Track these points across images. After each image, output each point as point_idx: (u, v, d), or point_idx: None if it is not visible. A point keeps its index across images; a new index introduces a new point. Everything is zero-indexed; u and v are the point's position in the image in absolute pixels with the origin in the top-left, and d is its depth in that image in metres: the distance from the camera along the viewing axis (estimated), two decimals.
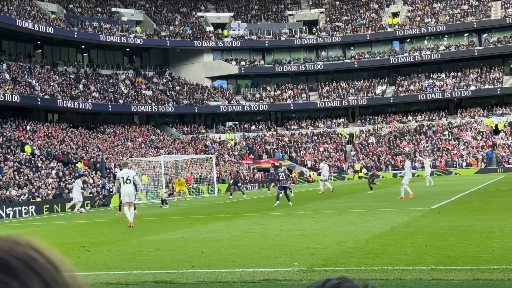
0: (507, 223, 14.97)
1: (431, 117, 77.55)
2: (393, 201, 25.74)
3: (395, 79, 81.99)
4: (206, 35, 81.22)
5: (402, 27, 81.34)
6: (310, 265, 10.40)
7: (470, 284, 8.31)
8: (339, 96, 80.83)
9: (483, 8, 79.99)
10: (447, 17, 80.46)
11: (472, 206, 21.23)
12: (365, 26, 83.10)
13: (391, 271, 9.46)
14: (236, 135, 77.51)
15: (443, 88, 77.56)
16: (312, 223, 18.12)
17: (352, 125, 79.95)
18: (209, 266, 10.92)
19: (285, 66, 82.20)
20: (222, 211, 26.39)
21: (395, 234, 14.20)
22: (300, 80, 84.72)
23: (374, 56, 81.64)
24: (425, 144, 72.18)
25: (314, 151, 74.36)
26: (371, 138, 75.73)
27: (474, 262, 9.76)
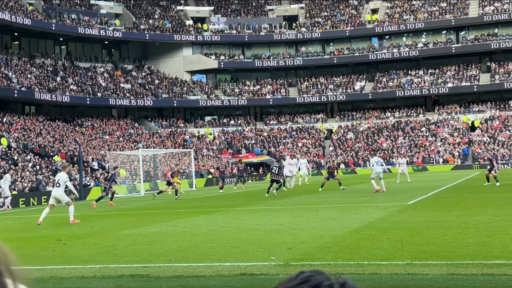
0: (481, 219, 15.15)
1: (408, 114, 78.09)
2: (370, 196, 25.90)
3: (374, 75, 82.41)
4: (186, 29, 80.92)
5: (381, 23, 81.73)
6: (287, 259, 10.44)
7: (445, 279, 8.40)
8: (318, 92, 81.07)
9: (461, 6, 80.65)
10: (425, 14, 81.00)
11: (448, 202, 21.44)
12: (345, 22, 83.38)
13: (367, 266, 9.54)
14: (215, 129, 77.41)
15: (421, 85, 78.12)
16: (289, 218, 18.17)
17: (330, 121, 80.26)
18: (186, 260, 10.92)
19: (264, 61, 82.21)
20: (200, 205, 26.36)
21: (371, 229, 14.30)
22: (279, 75, 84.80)
23: (353, 52, 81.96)
24: (403, 141, 72.69)
25: (293, 146, 74.52)
26: (350, 134, 76.08)
27: (449, 257, 9.86)
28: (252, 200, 28.60)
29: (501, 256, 9.72)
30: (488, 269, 8.81)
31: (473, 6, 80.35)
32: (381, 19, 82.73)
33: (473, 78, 77.14)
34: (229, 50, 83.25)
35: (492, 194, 24.41)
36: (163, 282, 9.16)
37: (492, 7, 78.55)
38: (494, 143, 68.74)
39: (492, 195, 23.85)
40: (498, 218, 15.20)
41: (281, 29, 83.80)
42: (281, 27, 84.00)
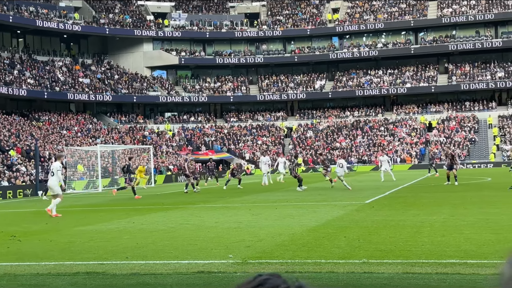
0: (437, 218, 15.39)
1: (367, 113, 78.91)
2: (329, 195, 26.09)
3: (334, 75, 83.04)
4: (146, 24, 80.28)
5: (342, 23, 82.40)
6: (245, 257, 10.44)
7: (400, 277, 8.51)
8: (278, 90, 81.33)
9: (420, 7, 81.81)
10: (385, 15, 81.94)
11: (405, 201, 21.71)
12: (306, 21, 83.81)
13: (324, 264, 9.59)
14: (174, 126, 77.02)
15: (380, 85, 79.03)
16: (248, 215, 18.18)
17: (290, 119, 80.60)
18: (144, 258, 10.83)
19: (225, 58, 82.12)
20: (158, 202, 26.20)
21: (329, 227, 14.40)
22: (240, 72, 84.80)
23: (313, 51, 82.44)
24: (361, 140, 73.41)
25: (253, 144, 74.62)
26: (309, 132, 76.53)
27: (405, 256, 9.99)
28: (211, 197, 28.55)
29: (455, 256, 9.89)
30: (442, 268, 8.95)
31: (432, 8, 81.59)
32: (342, 18, 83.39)
33: (431, 79, 78.35)
34: (190, 47, 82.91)
35: (447, 193, 24.82)
36: (119, 280, 9.07)
37: (450, 9, 79.89)
38: (450, 143, 69.95)
39: (447, 194, 24.25)
40: (452, 218, 15.46)
41: (242, 26, 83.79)
42: (242, 25, 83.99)
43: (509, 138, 69.11)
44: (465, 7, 79.42)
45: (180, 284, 8.68)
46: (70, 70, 73.27)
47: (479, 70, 77.44)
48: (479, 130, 72.42)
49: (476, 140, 70.34)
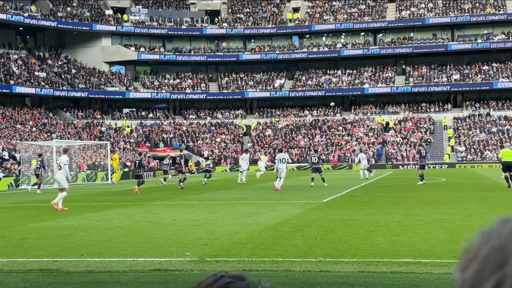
0: (392, 218, 15.59)
1: (326, 113, 79.49)
2: (287, 194, 26.20)
3: (294, 74, 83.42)
4: (105, 18, 79.36)
5: (302, 22, 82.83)
6: (202, 255, 10.42)
7: (356, 276, 8.59)
8: (238, 88, 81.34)
9: (379, 9, 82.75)
10: (345, 16, 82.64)
11: (361, 200, 21.94)
12: (266, 20, 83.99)
13: (281, 263, 9.63)
14: (132, 122, 76.35)
15: (339, 85, 79.69)
16: (206, 213, 18.14)
17: (249, 117, 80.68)
18: (99, 255, 10.71)
19: (185, 55, 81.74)
20: (115, 199, 25.93)
21: (286, 226, 14.46)
22: (200, 69, 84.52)
23: (274, 50, 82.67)
24: (320, 139, 73.92)
25: (211, 142, 74.47)
26: (268, 131, 76.72)
27: (360, 255, 10.09)
28: (168, 194, 28.38)
29: (409, 255, 10.03)
30: (397, 267, 9.07)
31: (391, 9, 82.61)
32: (302, 18, 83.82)
33: (388, 80, 79.34)
34: (150, 42, 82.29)
35: (403, 193, 25.17)
36: (74, 277, 8.94)
37: (408, 11, 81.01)
38: (406, 144, 70.95)
39: (403, 194, 24.59)
40: (408, 218, 15.68)
41: (203, 23, 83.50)
42: (203, 22, 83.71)
43: (464, 139, 70.44)
44: (423, 10, 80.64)
45: (136, 281, 8.61)
46: (25, 64, 71.95)
47: (436, 72, 78.73)
48: (434, 131, 73.65)
49: (431, 141, 71.50)
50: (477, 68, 78.03)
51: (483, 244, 0.60)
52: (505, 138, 68.92)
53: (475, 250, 0.60)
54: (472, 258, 0.59)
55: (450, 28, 79.87)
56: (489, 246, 0.58)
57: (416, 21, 79.56)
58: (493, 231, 0.59)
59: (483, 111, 74.82)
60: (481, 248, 0.60)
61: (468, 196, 22.64)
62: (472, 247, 0.61)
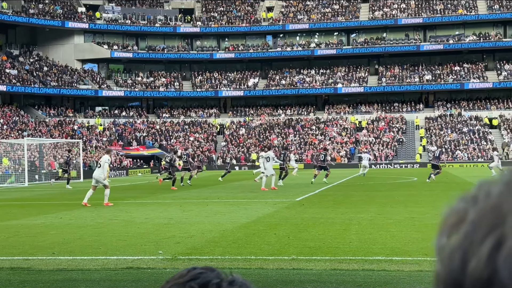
0: (364, 216, 15.72)
1: (300, 112, 79.75)
2: (260, 192, 26.24)
3: (267, 73, 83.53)
4: (78, 16, 78.65)
5: (276, 22, 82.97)
6: (174, 253, 10.41)
7: (328, 274, 8.66)
8: (211, 87, 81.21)
9: (352, 9, 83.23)
10: (319, 15, 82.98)
11: (334, 199, 22.08)
12: (240, 19, 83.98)
13: (254, 261, 9.67)
14: (105, 120, 75.79)
15: (312, 84, 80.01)
16: (179, 212, 18.12)
17: (223, 116, 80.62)
18: (71, 253, 10.65)
19: (158, 53, 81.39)
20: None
21: (260, 224, 14.50)
22: (173, 68, 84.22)
23: (247, 49, 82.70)
24: (293, 138, 74.14)
25: (185, 140, 74.26)
26: (242, 130, 76.74)
27: (333, 253, 10.17)
28: (141, 193, 28.26)
29: (381, 253, 10.13)
30: (368, 264, 9.16)
31: (364, 10, 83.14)
32: (276, 17, 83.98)
33: (361, 79, 79.85)
34: (123, 40, 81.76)
35: (375, 192, 25.38)
36: (45, 275, 8.88)
37: (381, 12, 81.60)
38: (379, 144, 71.50)
39: (375, 193, 24.79)
40: (380, 216, 15.82)
41: (176, 21, 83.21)
42: (176, 20, 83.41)
43: (435, 139, 71.17)
44: (396, 10, 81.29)
45: (108, 280, 8.57)
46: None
47: (408, 73, 79.44)
48: (406, 131, 74.31)
49: (403, 141, 72.14)
50: (449, 69, 78.91)
51: (469, 207, 0.58)
52: (476, 138, 69.83)
53: (460, 214, 0.57)
54: (458, 223, 0.56)
55: (422, 28, 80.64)
56: (478, 209, 0.56)
57: (388, 22, 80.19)
58: (478, 194, 0.57)
59: (455, 111, 75.69)
60: (468, 211, 0.57)
61: (439, 195, 22.91)
62: (455, 212, 0.58)
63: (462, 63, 79.15)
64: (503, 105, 75.47)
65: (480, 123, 73.25)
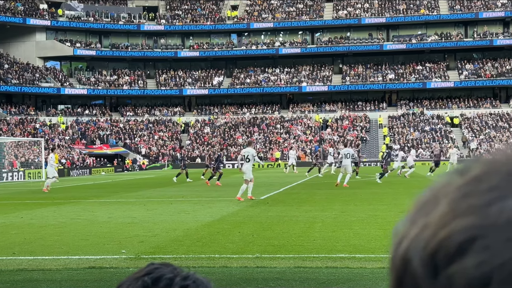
0: (328, 214, 15.82)
1: (264, 110, 79.90)
2: (224, 191, 26.22)
3: (232, 71, 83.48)
4: (40, 13, 77.52)
5: (241, 20, 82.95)
6: (138, 252, 10.34)
7: (292, 271, 8.68)
8: (176, 85, 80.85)
9: (316, 8, 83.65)
10: (283, 14, 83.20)
11: (299, 197, 22.16)
12: (205, 17, 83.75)
13: (218, 259, 9.65)
14: (68, 118, 74.87)
15: (277, 83, 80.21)
16: (142, 210, 18.00)
17: (188, 114, 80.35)
18: (32, 253, 10.49)
19: (122, 51, 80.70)
20: (49, 197, 25.39)
21: (224, 223, 14.49)
22: (137, 66, 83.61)
23: (212, 47, 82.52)
24: (258, 136, 74.24)
25: (149, 139, 73.80)
26: (207, 128, 76.57)
27: (297, 251, 10.21)
28: (104, 192, 27.99)
29: (344, 250, 10.20)
30: (332, 262, 9.22)
31: (328, 9, 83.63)
32: (241, 16, 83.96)
33: (326, 78, 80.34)
34: (86, 38, 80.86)
35: (339, 190, 25.55)
36: (5, 276, 8.73)
37: (345, 11, 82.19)
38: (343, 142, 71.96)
39: (339, 191, 24.96)
40: (343, 214, 15.93)
41: (140, 19, 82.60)
42: (140, 18, 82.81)
43: (398, 138, 71.98)
44: (359, 10, 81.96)
45: (70, 280, 8.47)
46: None
47: (371, 72, 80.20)
48: (370, 130, 75.01)
49: (367, 139, 72.81)
50: (411, 68, 79.87)
51: (422, 196, 0.56)
52: (437, 136, 70.81)
53: (414, 204, 0.56)
54: (410, 211, 0.55)
55: (386, 28, 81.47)
56: (423, 196, 0.56)
57: (352, 21, 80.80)
58: (432, 185, 0.55)
59: (417, 110, 76.67)
60: (418, 200, 0.56)
61: (401, 193, 23.18)
62: (415, 202, 0.56)
63: (424, 62, 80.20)
64: (464, 104, 76.70)
65: (442, 121, 74.33)
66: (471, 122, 73.16)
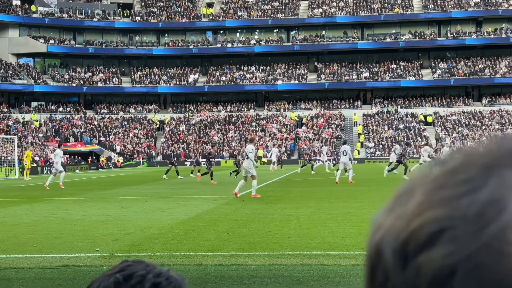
0: (303, 212, 15.88)
1: (240, 108, 79.87)
2: (200, 188, 26.18)
3: (208, 69, 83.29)
4: (13, 9, 76.57)
5: (216, 18, 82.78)
6: (112, 250, 10.28)
7: (267, 269, 8.71)
8: (151, 82, 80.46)
9: (292, 6, 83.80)
10: (259, 12, 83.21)
11: (274, 195, 22.21)
12: (180, 14, 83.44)
13: (193, 257, 9.64)
14: (41, 116, 74.12)
15: (253, 81, 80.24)
16: (117, 208, 17.91)
17: (163, 112, 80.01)
18: (4, 252, 10.38)
19: (97, 48, 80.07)
20: (22, 195, 25.13)
21: (199, 220, 14.48)
22: (112, 63, 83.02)
23: (188, 45, 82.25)
24: (233, 134, 74.23)
25: (124, 137, 73.37)
26: (182, 126, 76.34)
27: (272, 248, 10.24)
28: (78, 190, 27.78)
29: (319, 247, 10.25)
30: (307, 259, 9.26)
31: (303, 7, 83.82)
32: (216, 13, 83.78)
33: (301, 76, 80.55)
34: (59, 35, 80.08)
35: (314, 188, 25.67)
36: None
37: (320, 9, 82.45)
38: (318, 140, 72.28)
39: (314, 189, 25.07)
40: (318, 211, 16.00)
41: (115, 16, 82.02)
42: (115, 15, 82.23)
43: (372, 136, 72.45)
44: (334, 8, 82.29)
45: (43, 278, 8.40)
46: None
47: (346, 70, 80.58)
48: (345, 128, 75.38)
49: (342, 137, 73.12)
50: (386, 67, 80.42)
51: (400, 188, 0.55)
52: (411, 134, 71.39)
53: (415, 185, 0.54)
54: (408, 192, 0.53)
55: (360, 27, 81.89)
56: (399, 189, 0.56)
57: (327, 20, 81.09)
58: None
59: (391, 108, 77.23)
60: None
61: (375, 190, 23.33)
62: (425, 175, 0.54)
63: (399, 61, 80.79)
64: (437, 103, 77.45)
65: (416, 120, 74.97)
66: (444, 120, 73.91)
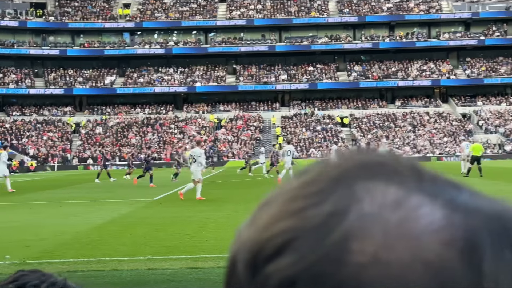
0: (221, 214, 15.87)
1: (158, 110, 79.14)
2: (116, 192, 25.76)
3: (125, 71, 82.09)
4: None
5: (133, 19, 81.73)
6: (23, 257, 9.95)
7: (184, 272, 8.64)
8: (66, 84, 78.58)
9: (210, 8, 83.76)
10: (176, 14, 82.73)
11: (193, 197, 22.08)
12: (96, 15, 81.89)
13: (108, 262, 9.45)
14: None
15: (171, 83, 79.67)
16: (29, 214, 17.38)
17: (79, 114, 78.27)
18: None
19: (8, 48, 77.47)
20: None
21: (115, 225, 14.22)
22: (24, 64, 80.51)
23: (104, 46, 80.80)
24: (152, 137, 73.46)
25: (38, 140, 71.29)
26: (99, 128, 74.91)
27: (189, 252, 10.16)
28: None
29: None
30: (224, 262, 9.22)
31: (221, 10, 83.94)
32: (133, 14, 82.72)
33: (220, 78, 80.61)
34: None
35: (232, 190, 25.71)
36: None
37: (238, 12, 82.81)
38: (237, 142, 72.53)
39: (232, 191, 25.12)
40: (236, 213, 16.03)
41: (27, 16, 79.64)
42: (27, 14, 79.83)
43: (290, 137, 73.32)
44: (252, 11, 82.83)
45: None
46: None
47: (264, 72, 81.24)
48: (263, 130, 75.96)
49: (261, 139, 73.68)
50: (303, 69, 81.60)
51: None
52: (328, 136, 72.73)
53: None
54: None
55: (278, 29, 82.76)
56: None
57: (245, 22, 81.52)
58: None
59: (309, 110, 78.42)
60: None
61: None
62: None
63: (315, 64, 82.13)
64: (353, 105, 79.22)
65: (333, 121, 76.41)
66: (360, 122, 75.68)
